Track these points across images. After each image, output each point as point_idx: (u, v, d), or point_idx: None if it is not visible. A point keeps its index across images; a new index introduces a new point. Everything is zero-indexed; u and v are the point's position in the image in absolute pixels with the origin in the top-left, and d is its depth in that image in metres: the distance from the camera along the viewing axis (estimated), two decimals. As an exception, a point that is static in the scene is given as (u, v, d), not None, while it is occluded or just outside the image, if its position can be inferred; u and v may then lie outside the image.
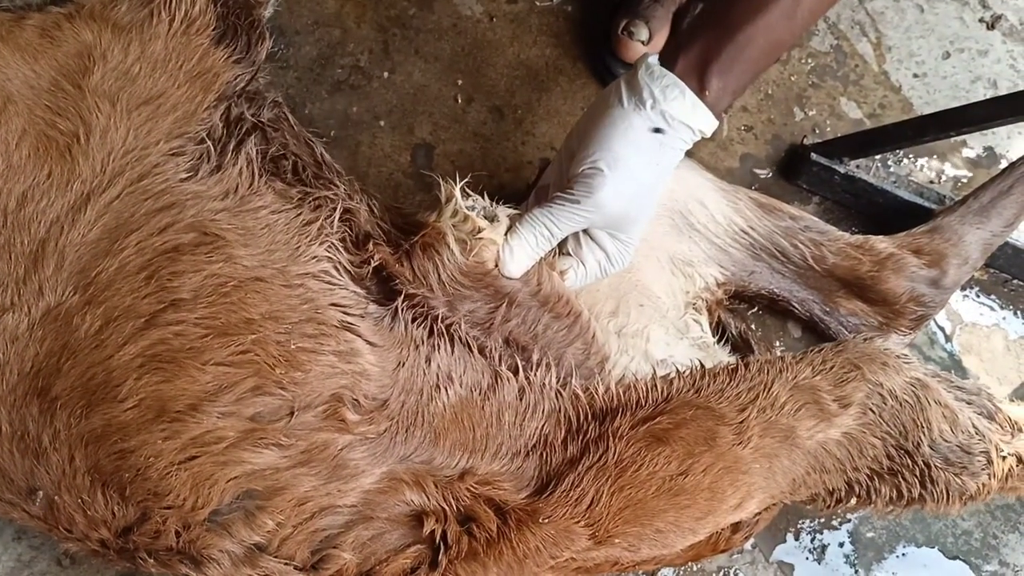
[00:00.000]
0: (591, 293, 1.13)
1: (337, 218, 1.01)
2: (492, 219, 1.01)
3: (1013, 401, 1.24)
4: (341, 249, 0.99)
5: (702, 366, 1.04)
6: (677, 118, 0.98)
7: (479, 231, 0.99)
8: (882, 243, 1.30)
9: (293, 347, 0.91)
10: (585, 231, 1.04)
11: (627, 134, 0.98)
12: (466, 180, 1.01)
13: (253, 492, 0.89)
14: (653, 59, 1.00)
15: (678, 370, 1.03)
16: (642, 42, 1.40)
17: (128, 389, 0.88)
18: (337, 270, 0.97)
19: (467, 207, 1.00)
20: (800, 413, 0.99)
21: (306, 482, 0.90)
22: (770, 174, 1.48)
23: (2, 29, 0.99)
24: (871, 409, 1.03)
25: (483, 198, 1.03)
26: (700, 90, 0.97)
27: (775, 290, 1.32)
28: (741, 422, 0.97)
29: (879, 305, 1.31)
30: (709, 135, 1.01)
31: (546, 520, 0.91)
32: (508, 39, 1.51)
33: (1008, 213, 1.31)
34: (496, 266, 1.01)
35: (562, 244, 1.06)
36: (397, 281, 0.99)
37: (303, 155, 1.10)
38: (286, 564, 0.90)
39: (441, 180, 1.01)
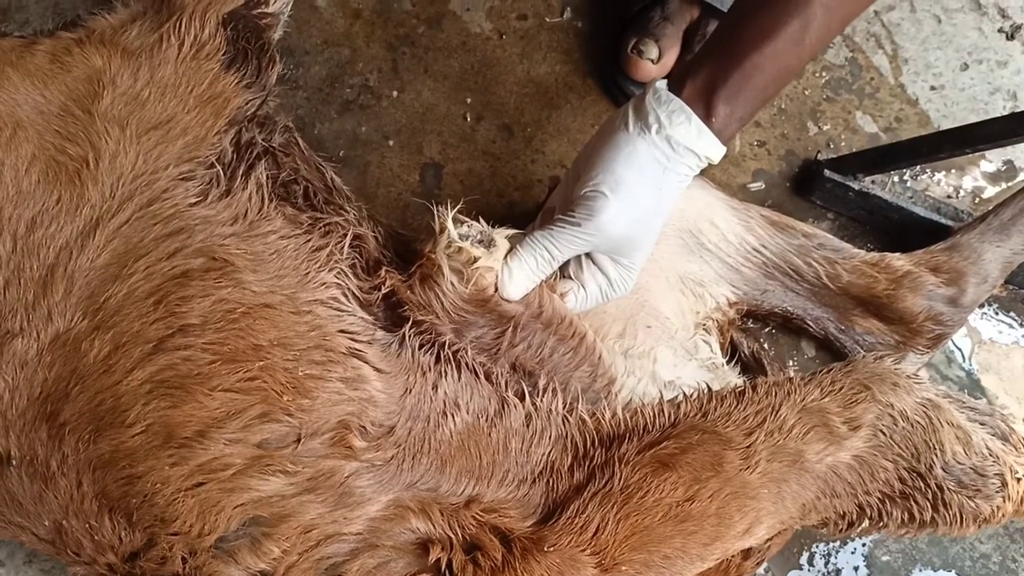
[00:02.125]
0: (598, 314, 1.12)
1: (347, 244, 1.01)
2: (489, 244, 1.00)
3: (1030, 422, 1.22)
4: (350, 275, 0.99)
5: (709, 389, 1.02)
6: (682, 144, 0.97)
7: (474, 260, 0.98)
8: (899, 261, 1.27)
9: (301, 374, 0.91)
10: (587, 255, 1.03)
11: (631, 158, 0.97)
12: (458, 207, 1.00)
13: (259, 519, 0.89)
14: (661, 84, 0.99)
15: (685, 394, 1.02)
16: (652, 61, 1.39)
17: (136, 414, 0.88)
18: (346, 296, 0.97)
19: (460, 236, 0.99)
20: (809, 436, 0.97)
21: (312, 509, 0.89)
22: (763, 186, 1.46)
23: (12, 55, 0.99)
24: (882, 431, 1.00)
25: (479, 222, 1.02)
26: (706, 116, 0.97)
27: (789, 308, 1.30)
28: (748, 446, 0.95)
29: (896, 324, 1.29)
30: (716, 161, 1.00)
31: (551, 548, 0.90)
32: (517, 56, 1.50)
33: (1029, 231, 1.29)
34: (496, 290, 1.01)
35: (564, 268, 1.05)
36: (405, 307, 0.99)
37: (314, 180, 1.10)
38: (291, 592, 0.90)
39: (435, 208, 0.99)
